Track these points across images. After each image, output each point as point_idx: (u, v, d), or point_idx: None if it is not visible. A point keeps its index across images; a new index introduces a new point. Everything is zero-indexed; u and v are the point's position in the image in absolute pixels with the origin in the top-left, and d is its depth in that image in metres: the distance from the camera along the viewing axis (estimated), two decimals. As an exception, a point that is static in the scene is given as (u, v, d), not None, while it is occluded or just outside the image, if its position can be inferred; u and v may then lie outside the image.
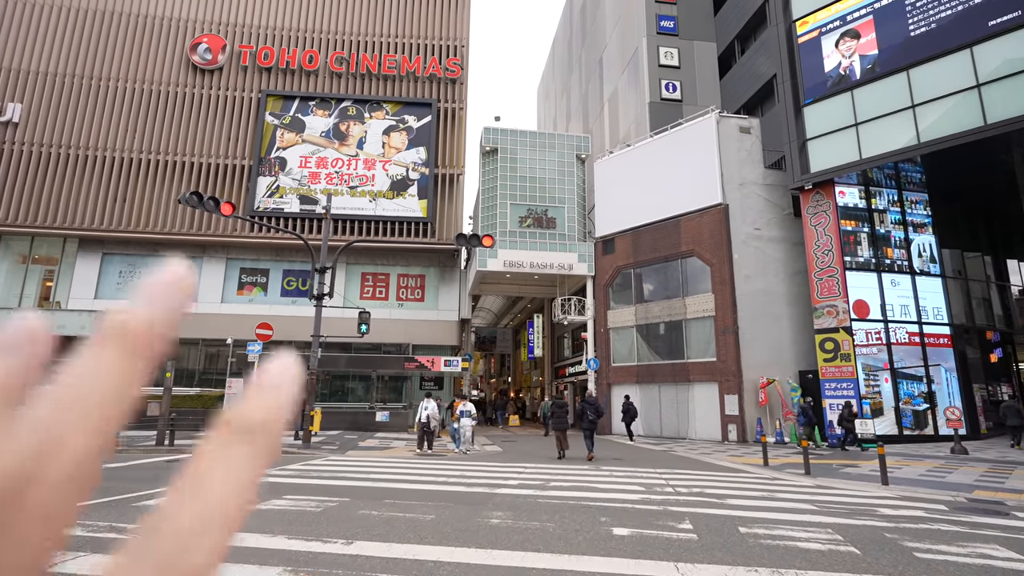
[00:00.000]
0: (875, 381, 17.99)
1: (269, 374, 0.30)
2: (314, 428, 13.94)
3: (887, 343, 18.23)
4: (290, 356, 0.31)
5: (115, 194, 24.65)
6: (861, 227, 18.91)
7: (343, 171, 26.02)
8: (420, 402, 14.28)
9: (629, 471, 11.03)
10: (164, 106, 25.58)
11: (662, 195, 21.41)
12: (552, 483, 9.26)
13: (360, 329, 15.11)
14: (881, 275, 18.69)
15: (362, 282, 26.44)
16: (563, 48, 45.04)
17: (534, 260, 22.59)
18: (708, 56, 30.07)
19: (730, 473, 11.16)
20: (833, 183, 18.80)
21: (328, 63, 26.67)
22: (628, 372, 21.80)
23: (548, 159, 24.28)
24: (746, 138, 20.41)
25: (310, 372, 13.94)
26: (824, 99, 19.02)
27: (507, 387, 40.37)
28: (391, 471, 10.36)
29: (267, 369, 0.30)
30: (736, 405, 18.65)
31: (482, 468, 11.21)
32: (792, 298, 19.68)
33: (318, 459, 12.07)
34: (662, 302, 21.10)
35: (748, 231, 19.74)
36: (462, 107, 26.94)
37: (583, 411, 13.49)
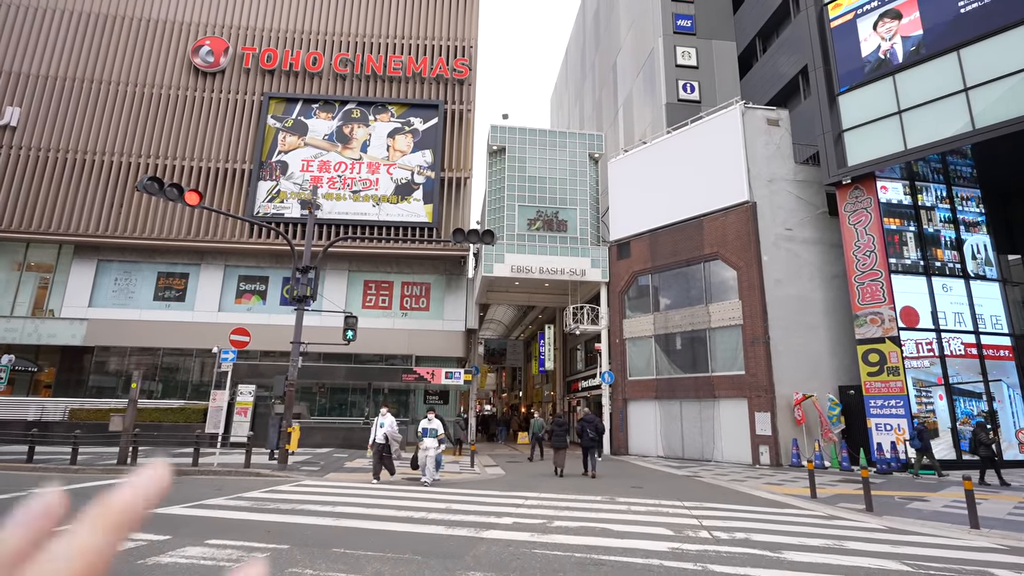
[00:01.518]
0: (928, 398, 15.70)
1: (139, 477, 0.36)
2: (291, 447, 12.20)
3: (940, 355, 15.96)
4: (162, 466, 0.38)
5: (112, 199, 23.58)
6: (907, 226, 16.78)
7: (346, 175, 24.67)
8: (376, 417, 11.22)
9: (650, 505, 9.04)
10: (164, 110, 24.59)
11: (682, 194, 19.52)
12: (556, 521, 7.34)
13: (346, 335, 13.43)
14: (931, 279, 16.49)
15: (364, 290, 24.89)
16: (576, 55, 43.74)
17: (544, 265, 20.77)
18: (728, 55, 28.37)
19: (774, 509, 9.09)
20: (874, 177, 16.75)
21: (332, 65, 25.52)
22: (646, 387, 19.73)
23: (559, 159, 22.59)
24: (774, 131, 18.50)
25: (288, 384, 12.25)
26: (862, 86, 17.08)
27: (518, 402, 38.35)
28: (364, 502, 8.53)
29: (139, 473, 0.36)
30: (768, 424, 16.46)
31: (475, 497, 9.32)
32: (829, 305, 17.53)
33: (287, 484, 10.30)
34: (683, 310, 19.07)
35: (778, 231, 17.71)
36: (470, 109, 25.52)
37: (583, 429, 13.19)
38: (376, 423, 11.04)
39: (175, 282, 24.20)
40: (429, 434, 10.78)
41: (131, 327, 22.94)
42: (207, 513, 7.34)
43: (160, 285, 24.12)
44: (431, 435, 10.76)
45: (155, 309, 23.55)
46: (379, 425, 10.97)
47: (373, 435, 10.98)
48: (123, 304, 23.65)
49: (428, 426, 10.89)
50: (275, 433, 13.99)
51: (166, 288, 24.10)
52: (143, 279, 24.09)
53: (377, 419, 11.09)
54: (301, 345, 12.71)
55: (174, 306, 23.74)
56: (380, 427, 10.92)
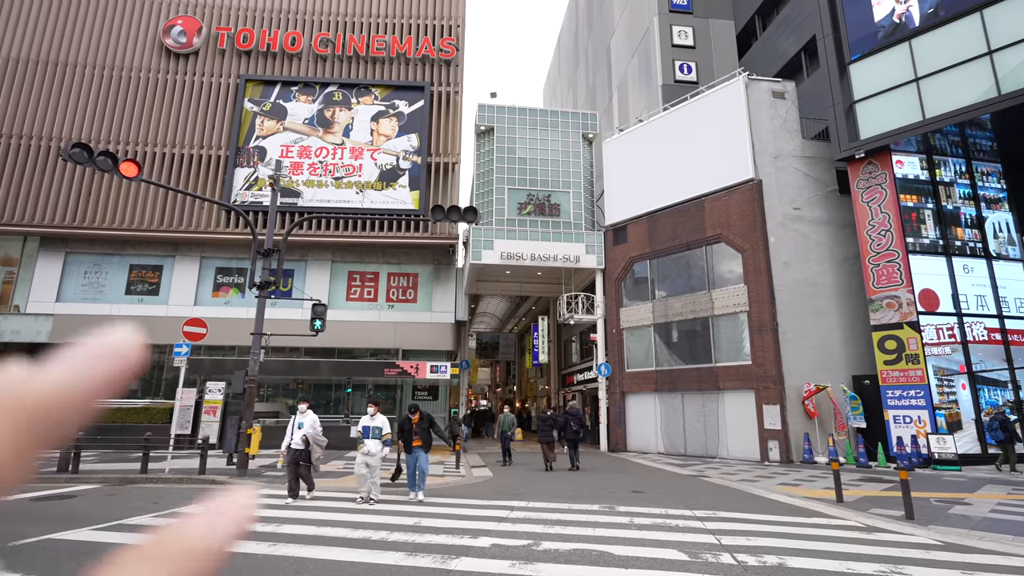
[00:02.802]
0: (950, 387, 14.37)
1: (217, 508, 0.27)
2: (252, 450, 10.76)
3: (962, 341, 14.62)
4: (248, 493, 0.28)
5: (80, 189, 22.01)
6: (924, 203, 15.40)
7: (327, 161, 23.13)
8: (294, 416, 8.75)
9: (656, 516, 7.64)
10: (134, 93, 22.98)
11: (682, 174, 18.08)
12: (544, 542, 5.93)
13: (313, 326, 11.99)
14: (951, 259, 15.12)
15: (348, 282, 23.39)
16: (569, 41, 42.18)
17: (536, 251, 19.32)
18: (726, 34, 26.87)
19: (799, 518, 7.71)
20: (889, 151, 15.36)
21: (312, 45, 23.93)
22: (645, 379, 18.35)
23: (551, 139, 21.10)
24: (780, 104, 17.06)
25: (249, 380, 10.81)
26: (875, 53, 15.65)
27: (513, 397, 36.98)
28: (318, 518, 7.10)
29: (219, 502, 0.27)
30: (778, 417, 15.10)
31: (452, 509, 7.90)
32: (841, 289, 16.15)
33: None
34: (684, 297, 17.66)
35: (786, 211, 16.31)
36: (457, 91, 23.99)
37: (566, 423, 13.32)
38: (292, 423, 8.56)
39: (148, 275, 22.67)
40: (371, 434, 8.28)
41: (101, 323, 20.95)
42: (115, 538, 5.90)
43: (132, 278, 22.58)
44: (374, 435, 8.28)
45: (127, 304, 22.03)
46: (296, 425, 8.43)
47: (288, 438, 8.43)
48: (93, 299, 22.10)
49: (370, 424, 8.34)
50: (233, 435, 12.53)
51: (139, 281, 22.56)
52: (114, 272, 22.54)
53: (295, 418, 8.61)
54: (264, 338, 11.25)
55: (147, 300, 22.22)
56: (298, 428, 8.37)
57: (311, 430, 8.46)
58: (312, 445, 8.41)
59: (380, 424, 8.41)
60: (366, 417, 8.46)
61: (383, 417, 8.53)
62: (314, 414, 8.74)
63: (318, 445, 8.52)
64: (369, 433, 8.35)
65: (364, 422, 8.42)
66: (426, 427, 8.82)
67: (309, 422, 8.56)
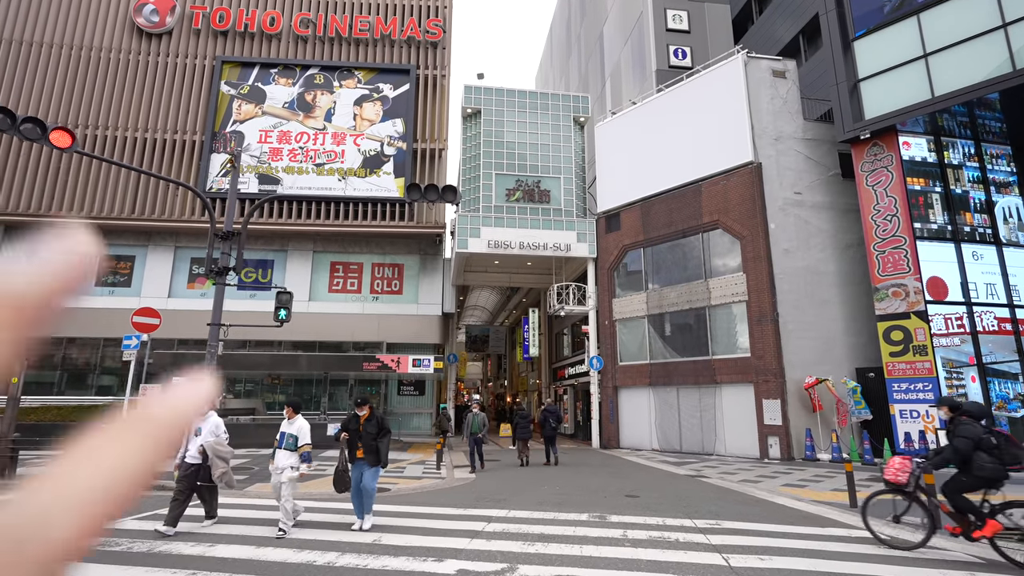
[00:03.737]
0: (959, 380, 13.50)
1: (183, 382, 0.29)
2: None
3: (972, 331, 13.75)
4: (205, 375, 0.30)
5: (47, 174, 20.72)
6: (932, 186, 14.49)
7: (308, 146, 21.95)
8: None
9: (652, 527, 6.67)
10: (104, 75, 21.68)
11: (678, 158, 17.08)
12: (522, 566, 4.94)
13: (278, 315, 10.93)
14: (960, 246, 14.23)
15: (331, 272, 22.28)
16: (561, 29, 41.01)
17: (524, 240, 18.29)
18: (721, 19, 25.88)
19: (814, 529, 6.76)
20: (896, 132, 14.42)
21: (292, 25, 22.69)
22: (638, 372, 17.41)
23: (540, 123, 20.03)
24: (781, 83, 16.08)
25: (205, 374, 9.75)
26: (880, 29, 14.68)
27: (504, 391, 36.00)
28: (260, 534, 6.07)
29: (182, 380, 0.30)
30: (778, 412, 14.20)
31: (421, 521, 6.89)
32: (844, 277, 15.25)
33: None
34: (680, 286, 16.71)
35: (786, 195, 15.36)
36: (444, 74, 22.85)
37: (544, 419, 13.50)
38: None
39: (119, 265, 21.44)
40: (285, 443, 6.29)
41: (70, 316, 20.11)
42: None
43: (103, 269, 21.33)
44: (287, 445, 6.27)
45: (97, 295, 20.80)
46: (194, 432, 6.30)
47: (182, 449, 6.30)
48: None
49: (287, 430, 6.38)
50: (193, 435, 11.42)
51: (110, 272, 21.33)
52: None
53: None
54: (223, 329, 10.17)
55: (118, 292, 21.02)
56: (195, 435, 6.31)
57: (211, 438, 6.31)
58: (212, 458, 6.24)
59: (296, 431, 6.34)
60: (284, 423, 6.50)
61: (303, 422, 6.48)
62: (218, 417, 6.56)
63: (220, 458, 6.27)
64: (283, 441, 6.30)
65: (283, 428, 6.48)
66: (374, 432, 6.48)
67: (209, 427, 6.38)
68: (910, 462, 5.69)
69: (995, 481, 5.14)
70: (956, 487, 5.32)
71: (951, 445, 5.37)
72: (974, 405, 5.67)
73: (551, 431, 13.36)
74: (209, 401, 0.27)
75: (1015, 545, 5.08)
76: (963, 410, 5.52)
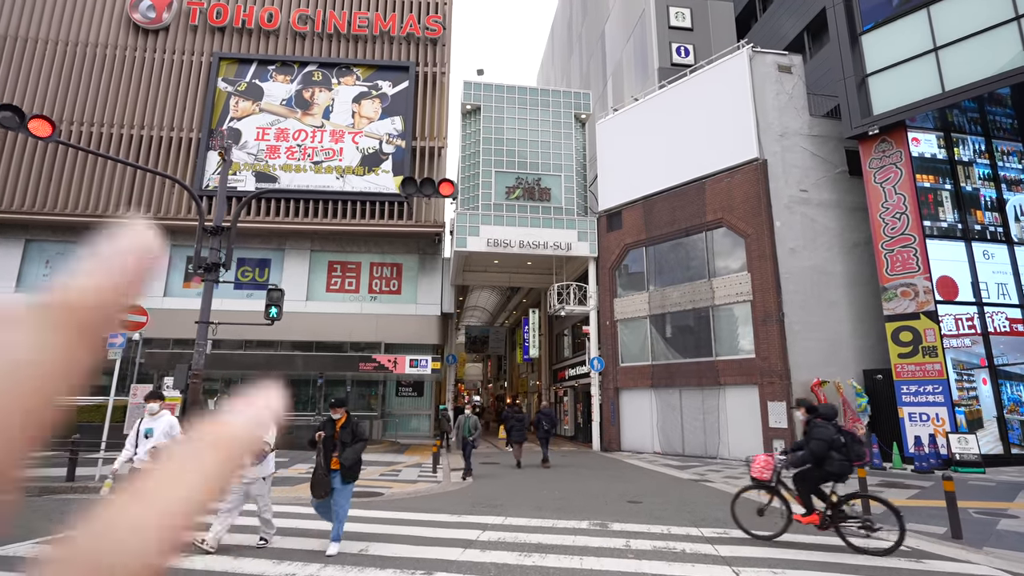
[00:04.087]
0: (970, 383, 13.11)
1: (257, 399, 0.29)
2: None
3: (983, 332, 13.36)
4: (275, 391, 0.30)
5: (41, 171, 20.41)
6: (942, 183, 14.11)
7: (306, 144, 21.62)
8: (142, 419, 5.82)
9: (656, 537, 6.29)
10: (99, 71, 21.37)
11: (681, 155, 16.71)
12: (517, 581, 4.56)
13: (269, 313, 10.57)
14: (971, 244, 13.85)
15: (329, 272, 21.93)
16: (563, 29, 40.70)
17: (524, 238, 17.93)
18: (725, 16, 25.51)
19: (827, 537, 6.37)
20: (905, 127, 14.04)
21: (290, 22, 22.39)
22: (640, 373, 17.02)
23: (541, 119, 19.67)
24: (786, 79, 15.72)
25: (193, 374, 9.38)
26: (889, 22, 14.32)
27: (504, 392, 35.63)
28: (235, 544, 5.70)
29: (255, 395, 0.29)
30: (783, 414, 13.80)
31: (411, 528, 6.51)
32: (851, 277, 14.86)
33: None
34: (683, 286, 16.33)
35: (792, 193, 14.98)
36: (444, 71, 22.51)
37: (539, 421, 13.79)
38: (137, 429, 5.56)
39: (115, 264, 21.10)
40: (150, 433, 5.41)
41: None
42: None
43: (98, 267, 21.01)
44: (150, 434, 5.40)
45: (91, 294, 20.45)
46: (143, 434, 5.47)
47: (127, 451, 5.51)
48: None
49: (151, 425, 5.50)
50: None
51: (104, 271, 20.99)
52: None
53: (140, 421, 5.62)
54: (212, 327, 9.81)
55: (113, 291, 20.65)
56: (145, 437, 5.44)
57: (164, 440, 5.37)
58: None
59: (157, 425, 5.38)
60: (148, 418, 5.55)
61: (168, 418, 5.53)
62: (172, 417, 5.63)
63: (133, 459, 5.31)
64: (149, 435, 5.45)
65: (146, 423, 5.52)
66: (349, 441, 5.52)
67: (162, 428, 5.43)
68: (773, 459, 6.16)
69: (842, 475, 5.70)
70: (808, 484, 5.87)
71: (808, 448, 5.79)
72: (828, 407, 6.07)
73: (545, 433, 13.56)
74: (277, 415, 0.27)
75: (854, 530, 5.74)
76: (818, 412, 5.95)
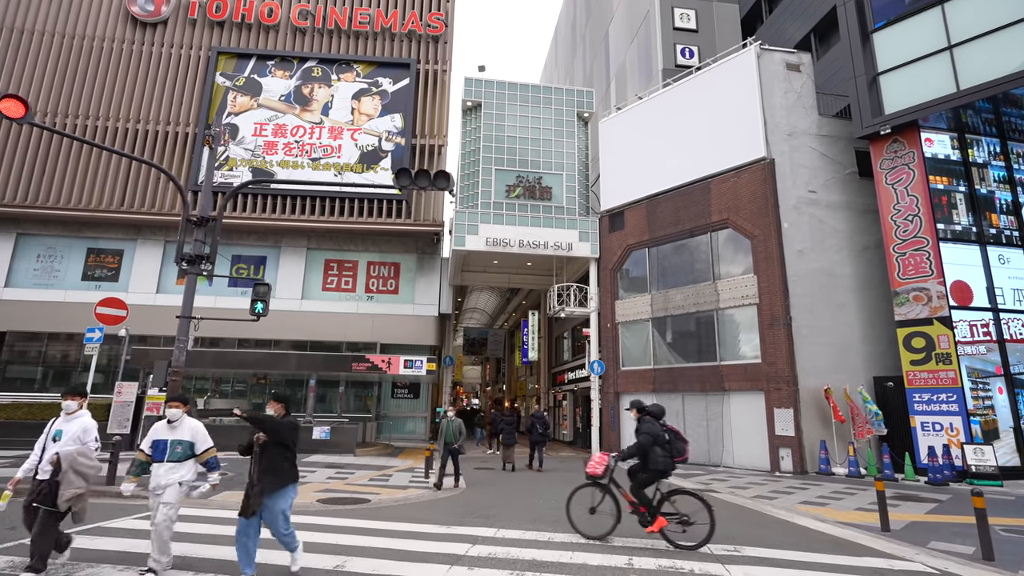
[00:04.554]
0: (986, 391, 12.56)
1: None
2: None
3: (999, 339, 12.82)
4: None
5: (34, 165, 19.98)
6: (956, 185, 13.61)
7: (304, 140, 21.19)
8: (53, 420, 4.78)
9: (662, 551, 5.75)
10: (96, 64, 20.99)
11: (686, 154, 16.23)
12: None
13: (255, 309, 10.05)
14: (986, 248, 13.33)
15: (325, 270, 21.46)
16: (566, 30, 40.39)
17: (524, 238, 17.44)
18: (730, 18, 25.13)
19: (846, 557, 5.84)
20: (918, 127, 13.56)
21: (290, 17, 22.02)
22: (642, 377, 16.49)
23: (543, 117, 19.22)
24: (795, 77, 15.25)
25: (173, 371, 8.85)
26: (902, 20, 13.86)
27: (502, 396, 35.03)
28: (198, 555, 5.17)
29: None
30: (790, 422, 13.26)
31: (394, 543, 5.98)
32: (861, 281, 14.34)
33: (129, 518, 6.91)
34: (686, 288, 15.81)
35: (800, 194, 14.49)
36: (445, 69, 22.10)
37: (533, 425, 13.63)
38: (47, 432, 4.63)
39: (107, 259, 20.66)
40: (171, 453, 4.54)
41: (53, 310, 19.37)
42: None
43: (90, 263, 20.58)
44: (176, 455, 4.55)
45: (83, 290, 20.00)
46: (51, 436, 4.58)
47: (33, 458, 4.53)
48: (47, 284, 20.09)
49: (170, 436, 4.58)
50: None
51: (96, 266, 20.56)
52: (70, 256, 20.54)
53: (53, 422, 4.71)
54: (194, 323, 9.31)
55: (105, 287, 20.20)
56: (53, 440, 4.55)
57: (73, 446, 4.50)
58: (66, 473, 4.31)
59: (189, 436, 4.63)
60: (162, 424, 4.65)
61: (193, 421, 4.73)
62: (90, 419, 4.76)
63: (79, 475, 4.33)
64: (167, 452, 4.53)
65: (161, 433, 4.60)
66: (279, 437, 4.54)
67: (73, 432, 4.60)
68: (607, 457, 6.34)
69: (665, 471, 5.98)
70: (638, 483, 6.07)
71: (637, 441, 6.09)
72: (656, 407, 6.37)
73: (539, 436, 13.47)
74: None
75: (675, 527, 5.87)
76: (647, 411, 6.29)
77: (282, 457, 4.50)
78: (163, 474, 4.46)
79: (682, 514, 5.87)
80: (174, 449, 4.55)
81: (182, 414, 4.68)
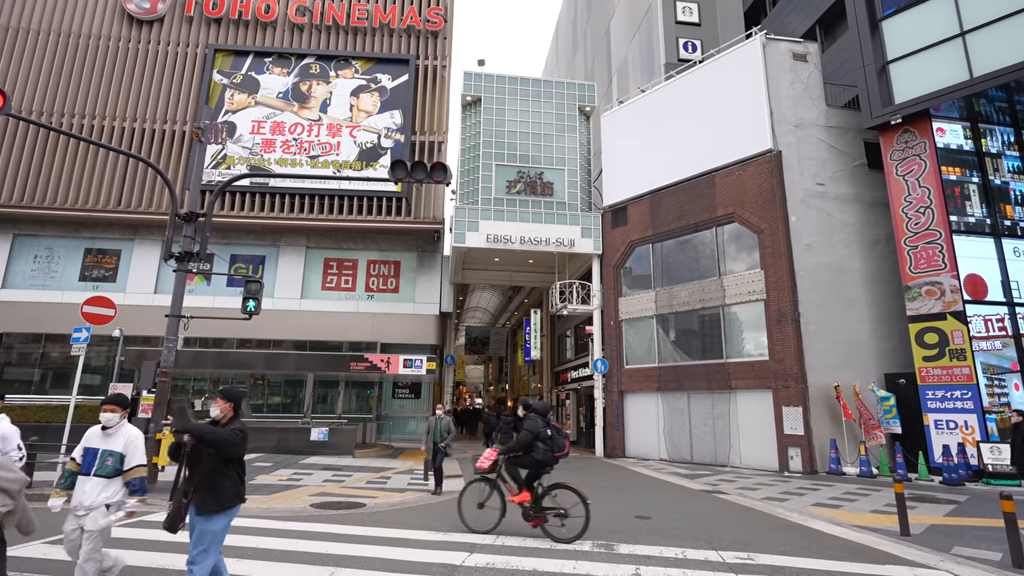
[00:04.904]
0: (1001, 388, 12.16)
1: None
2: (161, 460, 8.48)
3: (1015, 334, 12.41)
4: None
5: (30, 164, 19.75)
6: (969, 176, 13.20)
7: (302, 138, 20.89)
8: None
9: (671, 560, 5.40)
10: (92, 62, 20.74)
11: (690, 147, 15.86)
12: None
13: (247, 307, 9.74)
14: (1000, 241, 12.92)
15: (325, 269, 21.16)
16: (567, 27, 40.01)
17: (525, 234, 17.10)
18: (733, 10, 24.74)
19: (866, 565, 5.48)
20: (929, 117, 13.16)
21: (288, 13, 21.72)
22: (646, 376, 16.13)
23: (544, 112, 18.87)
24: (802, 67, 14.86)
25: (161, 372, 8.55)
26: (912, 7, 13.46)
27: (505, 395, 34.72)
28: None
29: None
30: (799, 421, 12.87)
31: (385, 552, 5.65)
32: (871, 276, 13.95)
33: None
34: (691, 284, 15.45)
35: (808, 187, 14.10)
36: (445, 65, 21.75)
37: None
38: None
39: (105, 260, 20.42)
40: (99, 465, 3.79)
41: (50, 311, 19.13)
42: None
43: (87, 263, 20.34)
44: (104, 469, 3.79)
45: (80, 291, 19.73)
46: None
47: None
48: (43, 285, 19.86)
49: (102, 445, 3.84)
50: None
51: (94, 266, 20.32)
52: (68, 256, 20.31)
53: None
54: (183, 322, 9.00)
55: (103, 287, 19.94)
56: None
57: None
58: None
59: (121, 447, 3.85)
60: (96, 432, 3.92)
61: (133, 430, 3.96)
62: (10, 425, 4.26)
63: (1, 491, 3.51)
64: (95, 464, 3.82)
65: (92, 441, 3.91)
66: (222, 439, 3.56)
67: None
68: (495, 453, 6.57)
69: (546, 464, 6.27)
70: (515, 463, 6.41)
71: (518, 438, 6.38)
72: (540, 404, 6.70)
73: None
74: None
75: (555, 520, 6.14)
76: (533, 408, 6.56)
77: (223, 473, 3.50)
78: (88, 491, 3.70)
79: (559, 508, 6.16)
80: (104, 461, 3.74)
81: (120, 420, 3.87)
